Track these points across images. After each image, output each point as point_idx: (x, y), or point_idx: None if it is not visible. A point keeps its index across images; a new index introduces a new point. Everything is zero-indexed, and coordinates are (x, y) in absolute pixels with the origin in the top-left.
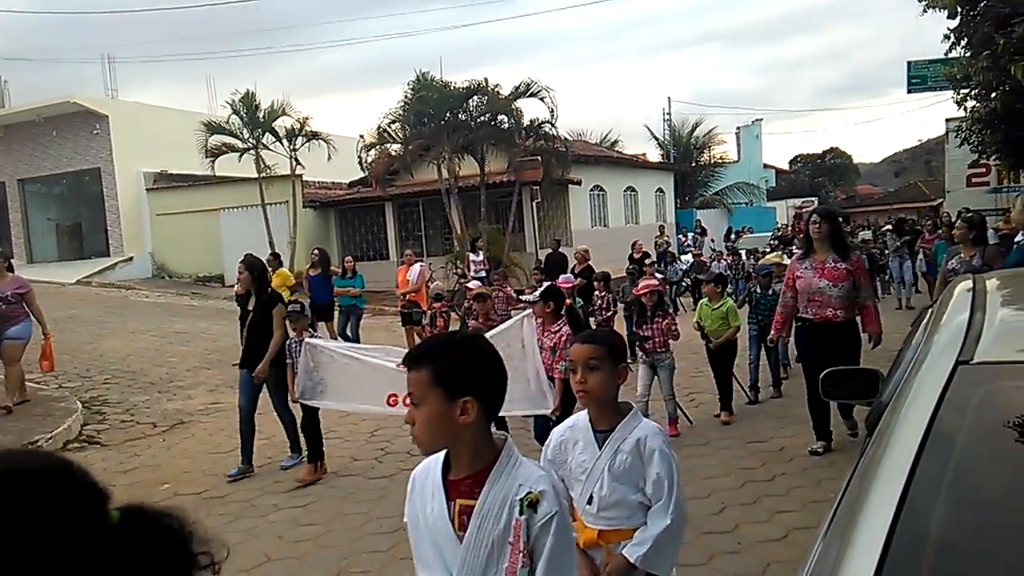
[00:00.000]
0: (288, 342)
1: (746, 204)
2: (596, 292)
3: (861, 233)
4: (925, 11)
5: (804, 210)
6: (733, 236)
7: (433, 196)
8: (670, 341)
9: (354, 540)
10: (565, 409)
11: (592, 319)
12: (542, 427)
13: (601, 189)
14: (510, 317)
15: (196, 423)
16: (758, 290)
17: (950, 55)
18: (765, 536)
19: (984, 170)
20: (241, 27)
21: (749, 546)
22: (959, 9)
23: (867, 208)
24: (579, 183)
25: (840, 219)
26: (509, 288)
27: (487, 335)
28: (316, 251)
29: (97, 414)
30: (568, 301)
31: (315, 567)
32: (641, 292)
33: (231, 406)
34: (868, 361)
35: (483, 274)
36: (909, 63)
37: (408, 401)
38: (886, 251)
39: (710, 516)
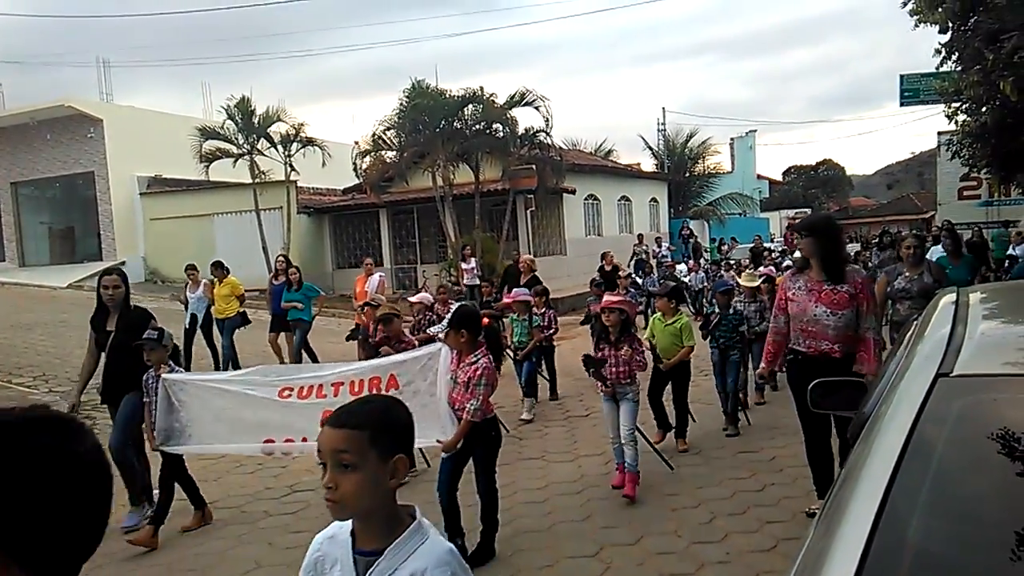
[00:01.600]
0: (145, 377)
1: (740, 215)
2: (535, 309)
3: (849, 246)
4: (917, 26)
5: (797, 222)
6: (725, 248)
7: (427, 203)
8: (637, 369)
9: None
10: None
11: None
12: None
13: (595, 198)
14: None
15: None
16: (716, 309)
17: (941, 69)
18: (754, 546)
19: (975, 183)
20: (237, 33)
21: (738, 556)
22: (950, 24)
23: (860, 220)
24: (573, 192)
25: (834, 231)
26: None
27: (392, 360)
28: (280, 258)
29: (87, 419)
30: (486, 321)
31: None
32: (602, 307)
33: None
34: None
35: (476, 281)
36: (902, 76)
37: (319, 457)
38: (870, 264)
39: (700, 526)
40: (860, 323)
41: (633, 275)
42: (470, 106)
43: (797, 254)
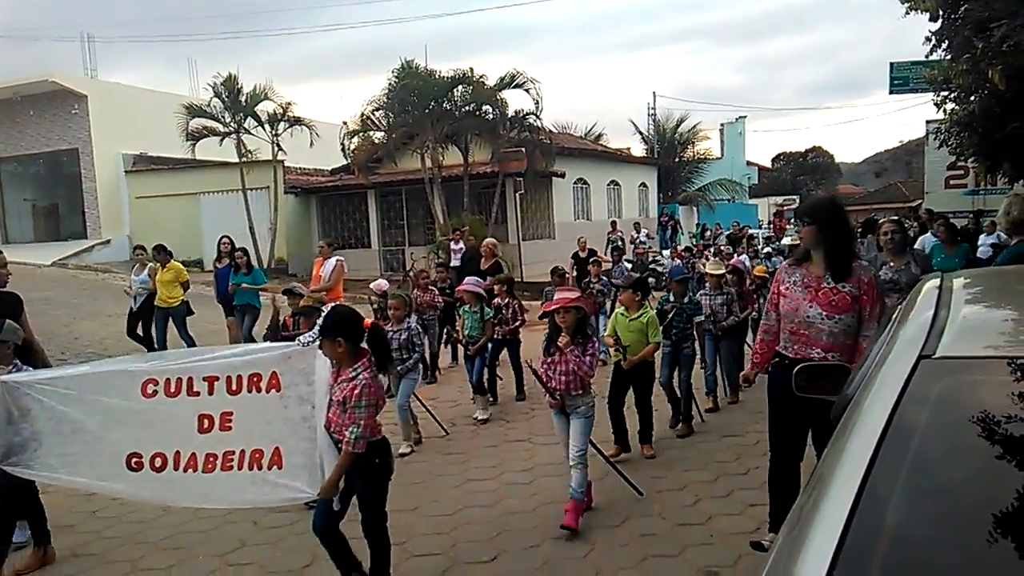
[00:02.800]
0: None
1: (728, 201)
2: (497, 299)
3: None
4: (908, 12)
5: (785, 208)
6: (708, 234)
7: (416, 185)
8: (590, 380)
9: None
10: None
11: (498, 330)
12: (479, 370)
13: (584, 182)
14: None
15: None
16: (671, 299)
17: (931, 57)
18: (738, 528)
19: (962, 172)
20: (224, 10)
21: (722, 538)
22: (940, 12)
23: (847, 208)
24: (563, 176)
25: (842, 219)
26: (431, 293)
27: (277, 353)
28: (224, 239)
29: None
30: (366, 322)
31: (289, 553)
32: (552, 309)
33: None
34: None
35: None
36: (892, 64)
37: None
38: (862, 255)
39: (684, 508)
40: (861, 330)
41: (618, 262)
42: (460, 87)
43: (786, 239)
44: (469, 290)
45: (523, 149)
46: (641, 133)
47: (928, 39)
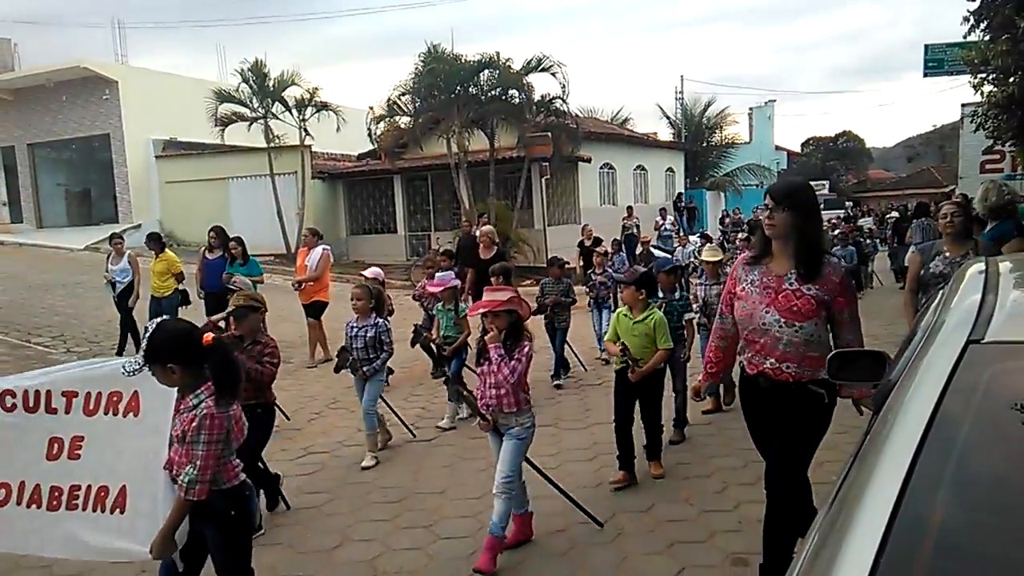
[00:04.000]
0: None
1: (757, 186)
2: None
3: (862, 220)
4: None
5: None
6: (727, 220)
7: (442, 170)
8: (525, 395)
9: (358, 508)
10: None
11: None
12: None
13: (611, 167)
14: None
15: None
16: (660, 294)
17: (968, 38)
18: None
19: (998, 156)
20: None
21: (750, 525)
22: None
23: (879, 193)
24: (589, 160)
25: (816, 205)
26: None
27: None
28: (213, 230)
29: None
30: (207, 338)
31: (319, 534)
32: (479, 311)
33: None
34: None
35: None
36: (926, 46)
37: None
38: (914, 242)
39: (712, 495)
40: (839, 335)
41: (617, 252)
42: (486, 72)
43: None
44: (433, 292)
45: (549, 134)
46: (668, 117)
47: (966, 19)
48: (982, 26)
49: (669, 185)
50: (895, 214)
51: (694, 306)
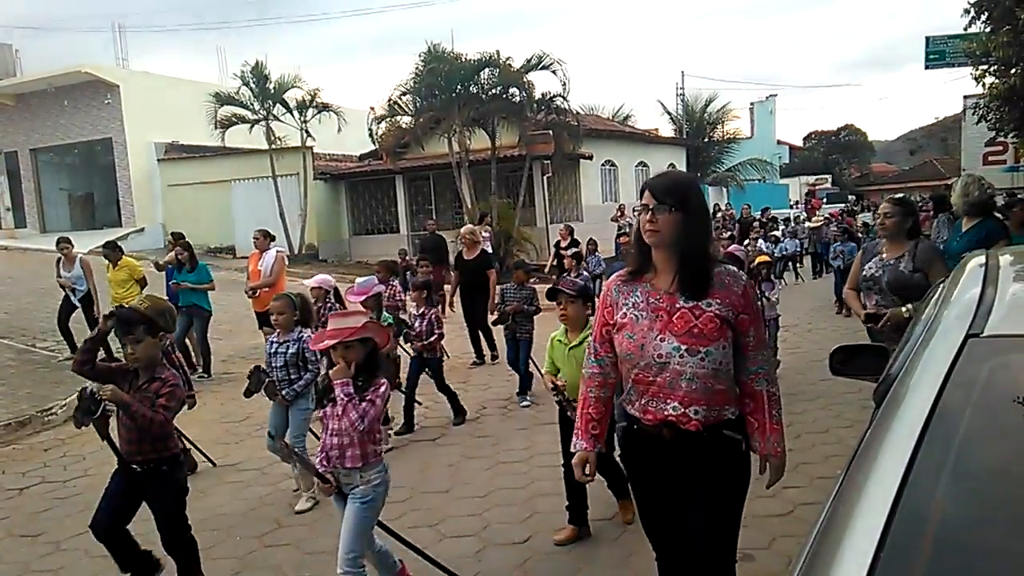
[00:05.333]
0: None
1: (759, 181)
2: (412, 308)
3: (861, 216)
4: None
5: (817, 188)
6: (718, 216)
7: (444, 169)
8: (374, 446)
9: None
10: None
11: (408, 345)
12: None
13: (612, 164)
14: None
15: (208, 392)
16: None
17: (969, 30)
18: (771, 511)
19: (1001, 148)
20: None
21: (755, 521)
22: None
23: (881, 187)
24: (590, 158)
25: (704, 204)
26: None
27: None
28: (172, 235)
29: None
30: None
31: (324, 535)
32: (325, 344)
33: (243, 375)
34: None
35: (489, 248)
36: (928, 39)
37: None
38: (938, 239)
39: None
40: (742, 365)
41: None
42: (486, 70)
43: (614, 241)
44: (351, 300)
45: (550, 132)
46: (669, 113)
47: (967, 11)
48: (983, 18)
49: None
50: None
51: None
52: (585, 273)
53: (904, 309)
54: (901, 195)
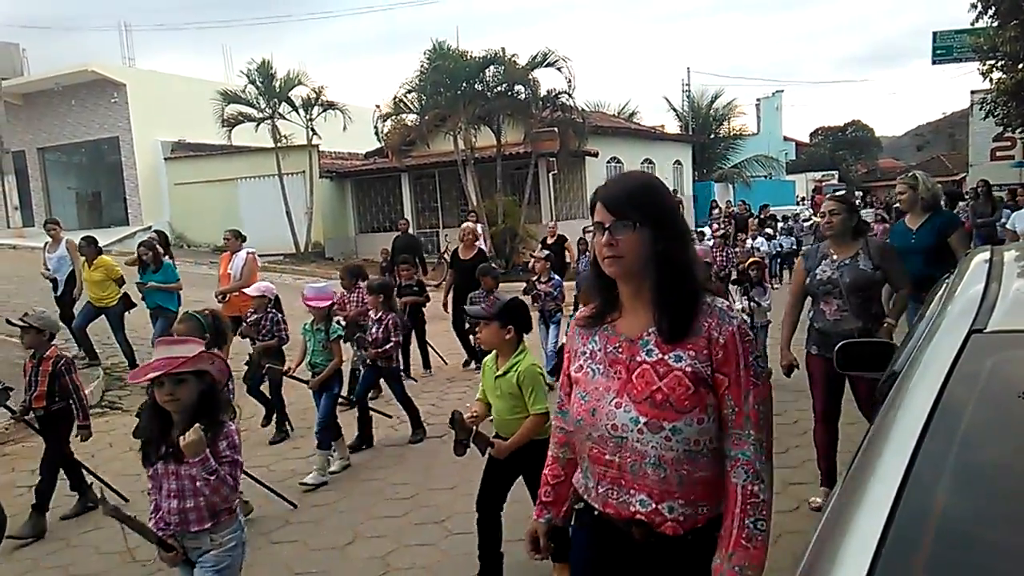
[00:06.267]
0: None
1: (765, 177)
2: (370, 313)
3: (864, 212)
4: None
5: (824, 184)
6: (716, 212)
7: (449, 167)
8: (226, 503)
9: (371, 505)
10: None
11: (366, 353)
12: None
13: (618, 161)
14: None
15: None
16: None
17: (977, 25)
18: (778, 507)
19: (1009, 143)
20: None
21: None
22: None
23: (889, 182)
24: (596, 155)
25: (671, 211)
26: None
27: None
28: (154, 234)
29: (118, 380)
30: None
31: (331, 531)
32: (147, 377)
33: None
34: None
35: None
36: (935, 33)
37: None
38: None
39: None
40: (725, 443)
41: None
42: (491, 68)
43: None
44: (313, 305)
45: (556, 129)
46: (675, 110)
47: (974, 5)
48: (990, 12)
49: (677, 178)
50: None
51: None
52: (557, 278)
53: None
54: (842, 192)
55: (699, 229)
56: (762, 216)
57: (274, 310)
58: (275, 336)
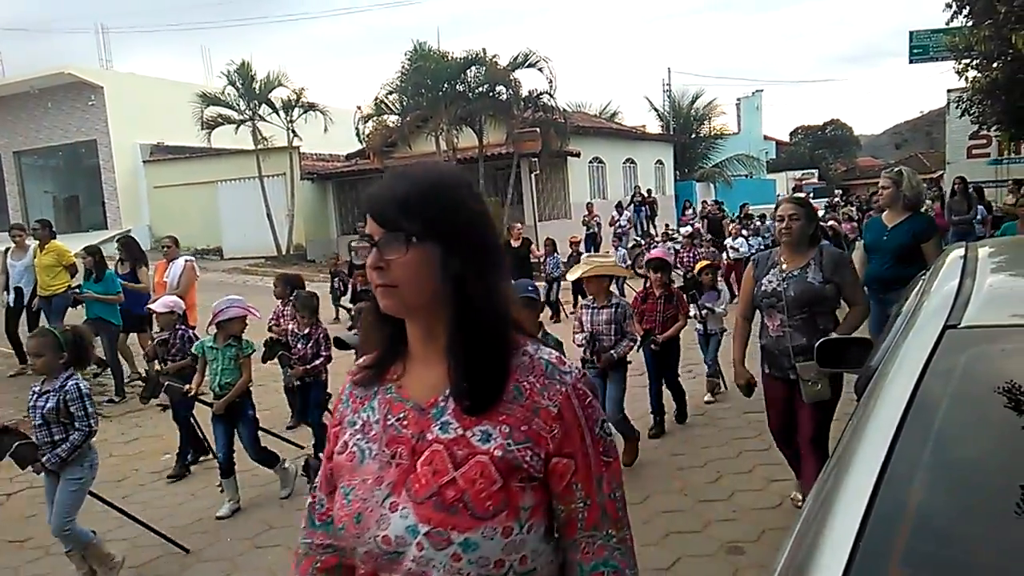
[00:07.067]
0: None
1: (746, 176)
2: (293, 327)
3: (843, 210)
4: None
5: (804, 182)
6: (689, 213)
7: None
8: None
9: None
10: None
11: (293, 372)
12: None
13: (600, 161)
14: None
15: (125, 417)
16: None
17: (952, 24)
18: (760, 504)
19: (985, 141)
20: None
21: (744, 513)
22: None
23: (868, 180)
24: (578, 155)
25: (473, 217)
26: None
27: None
28: (122, 239)
29: (99, 386)
30: None
31: None
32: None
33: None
34: None
35: None
36: (911, 33)
37: None
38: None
39: (706, 485)
40: (571, 559)
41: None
42: (473, 68)
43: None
44: (224, 319)
45: (538, 129)
46: (656, 110)
47: (948, 5)
48: (965, 12)
49: (659, 178)
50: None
51: (578, 337)
52: (532, 287)
53: (817, 386)
54: (801, 194)
55: (670, 229)
56: (741, 215)
57: (183, 326)
58: (186, 355)
